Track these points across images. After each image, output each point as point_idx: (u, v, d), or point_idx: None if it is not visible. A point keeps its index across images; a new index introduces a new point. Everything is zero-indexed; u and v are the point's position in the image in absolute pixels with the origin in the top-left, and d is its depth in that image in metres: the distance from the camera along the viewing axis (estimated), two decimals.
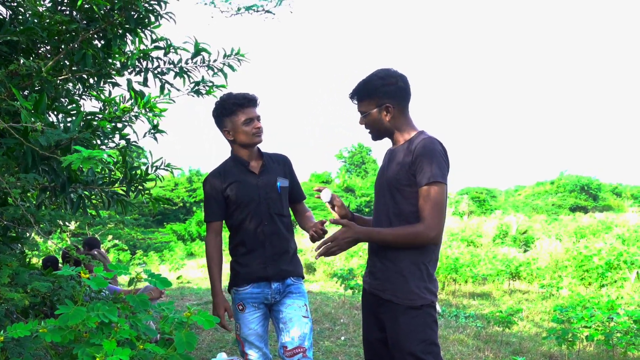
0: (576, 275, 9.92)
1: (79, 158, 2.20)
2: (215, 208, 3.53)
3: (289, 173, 3.67)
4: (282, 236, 3.53)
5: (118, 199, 3.83)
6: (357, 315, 8.61)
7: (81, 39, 3.83)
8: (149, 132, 4.11)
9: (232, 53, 4.29)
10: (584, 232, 23.35)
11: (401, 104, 3.00)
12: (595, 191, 54.90)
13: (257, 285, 3.47)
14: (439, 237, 2.86)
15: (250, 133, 3.46)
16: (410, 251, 2.90)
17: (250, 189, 3.49)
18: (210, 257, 3.53)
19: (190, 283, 13.69)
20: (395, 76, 2.99)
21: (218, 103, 3.53)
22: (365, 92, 3.03)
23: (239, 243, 3.53)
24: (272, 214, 3.50)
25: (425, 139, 2.89)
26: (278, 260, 3.49)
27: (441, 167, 2.83)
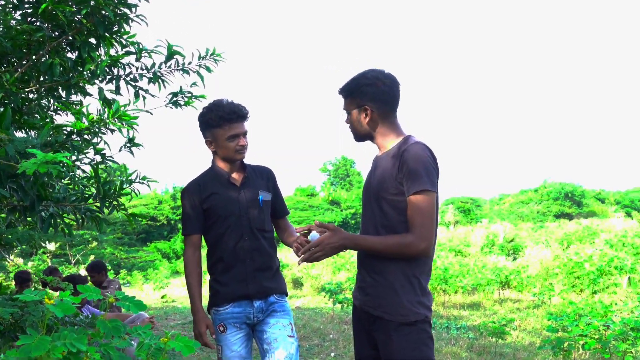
0: (567, 283, 9.77)
1: (35, 163, 1.98)
2: (194, 220, 3.32)
3: (272, 187, 3.49)
4: (263, 252, 3.33)
5: (92, 215, 3.60)
6: (346, 330, 8.40)
7: (48, 47, 3.63)
8: (124, 146, 3.90)
9: (207, 54, 4.11)
10: (571, 239, 23.39)
11: (383, 109, 2.81)
12: (579, 198, 55.22)
13: (238, 304, 3.27)
14: (429, 248, 2.68)
15: (233, 149, 3.26)
16: (401, 263, 2.71)
17: (231, 202, 3.29)
18: (189, 273, 3.32)
19: (175, 302, 13.41)
20: (382, 78, 2.81)
21: (204, 111, 3.30)
22: (349, 90, 2.86)
23: (218, 259, 3.33)
24: (253, 229, 3.30)
25: (412, 145, 2.70)
26: (260, 277, 3.29)
27: (430, 175, 2.65)
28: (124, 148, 3.91)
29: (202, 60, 4.14)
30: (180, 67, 4.12)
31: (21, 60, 3.72)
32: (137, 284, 18.12)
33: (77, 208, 3.57)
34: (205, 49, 4.15)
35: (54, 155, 1.91)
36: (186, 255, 3.35)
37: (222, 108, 3.22)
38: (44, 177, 3.16)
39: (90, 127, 3.26)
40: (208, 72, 4.17)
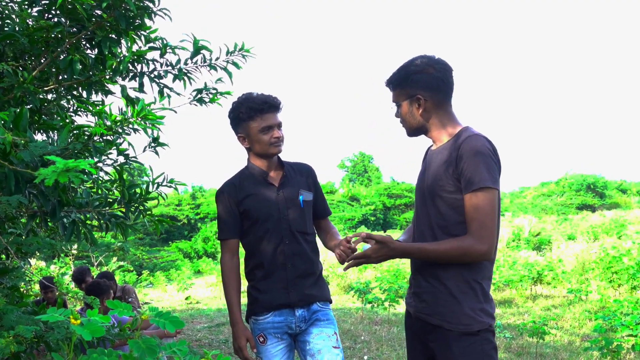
0: (604, 278, 9.43)
1: (55, 171, 1.74)
2: (231, 224, 3.09)
3: (312, 185, 3.23)
4: (305, 257, 3.10)
5: (117, 221, 3.37)
6: (377, 331, 8.15)
7: (67, 44, 3.41)
8: (148, 146, 3.68)
9: (235, 49, 3.88)
10: (597, 231, 22.96)
11: (437, 97, 2.55)
12: (601, 189, 54.45)
13: (279, 313, 3.04)
14: (491, 251, 2.42)
15: (268, 143, 3.02)
16: (461, 267, 2.46)
17: (269, 203, 3.06)
18: (227, 281, 3.10)
19: (200, 303, 13.22)
20: (432, 64, 2.55)
21: (234, 105, 3.08)
22: (398, 80, 2.60)
23: (257, 265, 3.09)
24: (293, 232, 3.06)
25: (471, 137, 2.44)
26: (302, 284, 3.06)
27: (491, 170, 2.39)
28: (148, 148, 3.69)
29: (229, 56, 3.91)
30: (207, 62, 3.89)
31: (39, 58, 3.51)
32: (160, 285, 17.99)
33: (100, 214, 3.35)
34: (233, 44, 3.92)
35: (75, 162, 1.67)
36: (223, 261, 3.13)
37: (253, 99, 3.01)
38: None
39: (113, 128, 3.02)
40: (237, 68, 3.93)
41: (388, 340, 7.54)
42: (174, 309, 11.89)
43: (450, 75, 2.58)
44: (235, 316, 3.05)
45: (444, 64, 2.57)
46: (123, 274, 17.73)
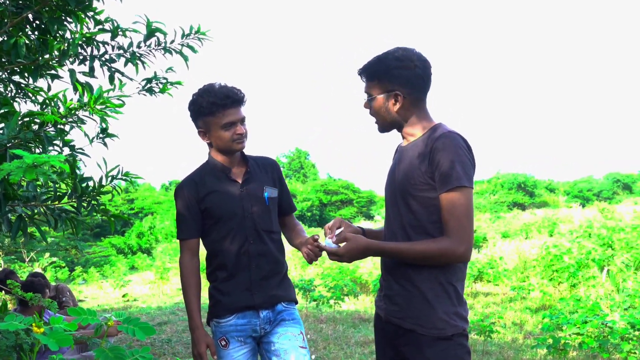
0: (545, 276, 9.59)
1: (21, 167, 1.53)
2: (191, 223, 2.94)
3: (277, 180, 3.09)
4: (271, 257, 2.97)
5: (67, 217, 3.14)
6: (323, 329, 8.05)
7: (10, 25, 3.16)
8: (97, 137, 3.47)
9: (191, 32, 3.69)
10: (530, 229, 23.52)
11: (415, 94, 2.46)
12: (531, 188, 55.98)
13: (243, 315, 2.90)
14: (468, 252, 2.34)
15: (230, 139, 2.87)
16: (435, 270, 2.38)
17: (232, 201, 2.91)
18: (187, 283, 2.94)
19: (138, 301, 12.85)
20: (414, 59, 2.44)
21: (194, 98, 2.90)
22: (375, 72, 2.48)
23: (219, 266, 2.95)
24: (259, 231, 2.93)
25: (444, 134, 2.35)
26: (266, 285, 2.93)
27: (466, 168, 2.32)
28: (96, 139, 3.47)
29: (185, 39, 3.72)
30: (162, 46, 3.69)
31: None
32: (95, 282, 17.45)
33: (49, 208, 3.11)
34: (189, 26, 3.73)
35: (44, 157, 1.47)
36: (183, 262, 2.97)
37: (214, 93, 2.83)
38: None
39: (69, 116, 2.79)
40: (193, 52, 3.75)
41: (335, 339, 7.45)
42: (111, 307, 11.51)
43: (430, 71, 2.50)
44: (195, 321, 2.90)
45: (426, 60, 2.48)
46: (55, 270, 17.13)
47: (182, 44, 3.71)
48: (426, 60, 2.47)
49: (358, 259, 2.48)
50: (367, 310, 9.64)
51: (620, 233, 12.41)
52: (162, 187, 54.15)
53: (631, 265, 10.00)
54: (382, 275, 2.63)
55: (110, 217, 3.31)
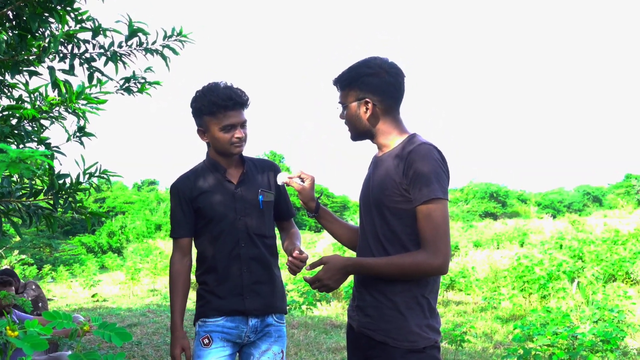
0: (516, 287, 9.68)
1: (4, 161, 1.49)
2: (183, 222, 2.88)
3: (275, 184, 3.00)
4: (263, 262, 2.89)
5: (43, 214, 3.08)
6: (295, 335, 8.02)
7: None
8: (73, 136, 3.41)
9: (173, 33, 3.65)
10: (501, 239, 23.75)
11: (386, 102, 2.44)
12: (503, 198, 56.61)
13: (232, 319, 2.83)
14: (445, 265, 2.31)
15: (228, 142, 2.79)
16: (409, 282, 2.35)
17: (225, 202, 2.85)
18: (174, 283, 2.88)
19: (107, 301, 12.72)
20: (386, 68, 2.43)
21: (197, 95, 2.83)
22: (346, 80, 2.46)
23: (210, 269, 2.88)
24: (251, 235, 2.86)
25: (419, 146, 2.34)
26: (258, 291, 2.85)
27: (441, 180, 2.30)
28: (72, 138, 3.42)
29: (166, 41, 3.68)
30: (143, 47, 3.65)
31: None
32: (64, 281, 17.24)
33: (24, 205, 3.05)
34: (171, 28, 3.69)
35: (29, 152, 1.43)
36: (173, 261, 2.91)
37: (217, 93, 2.75)
38: None
39: (49, 111, 2.74)
40: (174, 54, 3.71)
41: (306, 345, 7.42)
42: (80, 307, 11.36)
43: (403, 81, 2.48)
44: (176, 322, 2.83)
45: (398, 69, 2.47)
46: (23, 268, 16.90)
47: (163, 45, 3.67)
48: (399, 69, 2.47)
49: (342, 281, 2.44)
50: (339, 316, 9.64)
51: (591, 245, 12.58)
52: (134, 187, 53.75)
53: (601, 277, 10.13)
54: (355, 286, 2.60)
55: (87, 214, 3.25)
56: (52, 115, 2.87)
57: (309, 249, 21.80)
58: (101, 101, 2.95)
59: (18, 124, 2.70)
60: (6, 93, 3.88)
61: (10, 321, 1.66)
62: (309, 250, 19.80)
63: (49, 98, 2.85)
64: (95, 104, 2.91)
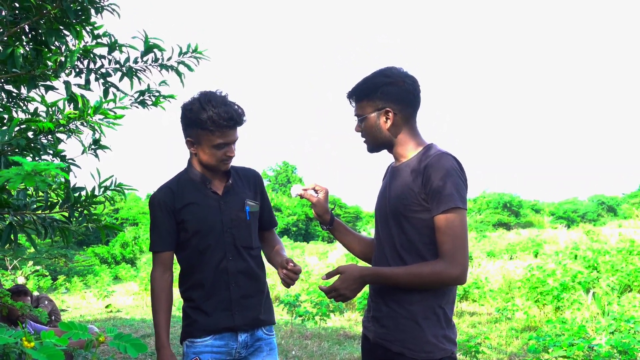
0: (530, 297, 9.61)
1: (19, 174, 1.52)
2: (165, 235, 2.78)
3: (259, 193, 2.97)
4: (251, 274, 2.83)
5: (58, 226, 3.11)
6: (309, 346, 8.00)
7: (7, 34, 3.15)
8: (88, 148, 3.45)
9: (188, 50, 3.68)
10: (515, 249, 23.60)
11: (406, 111, 2.46)
12: (516, 208, 56.32)
13: (221, 336, 2.77)
14: (464, 275, 2.33)
15: (219, 159, 2.73)
16: (426, 292, 2.37)
17: (211, 214, 2.77)
18: (157, 300, 2.78)
19: (121, 312, 12.75)
20: (404, 77, 2.45)
21: (194, 106, 2.70)
22: (364, 91, 2.47)
23: (196, 284, 2.80)
24: (238, 247, 2.79)
25: (437, 156, 2.35)
26: (247, 305, 2.80)
27: (460, 190, 2.31)
28: (88, 150, 3.45)
29: (182, 57, 3.71)
30: (159, 62, 3.68)
31: None
32: (78, 292, 17.31)
33: (39, 217, 3.08)
34: (186, 44, 3.72)
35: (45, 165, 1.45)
36: (154, 276, 2.82)
37: (218, 110, 2.63)
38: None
39: (66, 124, 2.78)
40: (189, 70, 3.74)
41: (320, 356, 7.40)
42: (95, 318, 11.41)
43: (419, 88, 2.50)
44: (162, 340, 2.74)
45: (413, 77, 2.49)
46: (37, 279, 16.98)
47: (178, 61, 3.69)
48: (414, 77, 2.49)
49: (359, 291, 2.43)
50: (352, 327, 9.60)
51: (606, 256, 12.47)
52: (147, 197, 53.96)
53: (616, 288, 10.05)
54: (371, 296, 2.60)
55: (102, 227, 3.28)
56: (69, 128, 2.89)
57: (321, 259, 21.76)
58: (118, 116, 2.98)
59: (35, 138, 2.73)
60: (22, 107, 3.92)
61: (26, 332, 1.68)
62: (322, 261, 19.75)
63: (67, 112, 2.87)
64: (111, 119, 2.92)
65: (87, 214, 3.15)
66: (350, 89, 2.52)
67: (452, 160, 2.37)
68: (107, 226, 3.29)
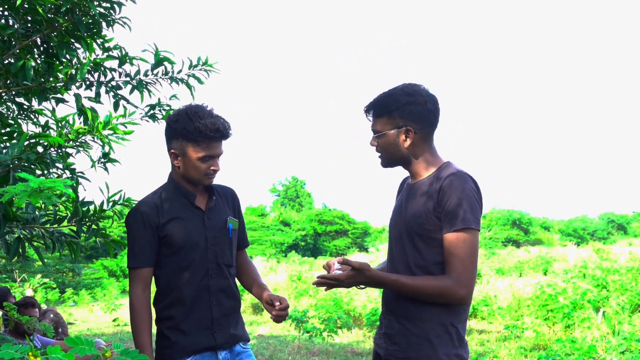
0: (540, 315, 9.53)
1: (26, 190, 1.51)
2: (147, 250, 2.68)
3: (238, 212, 2.95)
4: (230, 292, 2.81)
5: (66, 240, 3.10)
6: None
7: (19, 47, 3.16)
8: (98, 162, 3.45)
9: (199, 63, 3.68)
10: (524, 267, 23.48)
11: (426, 130, 2.45)
12: (526, 225, 56.11)
13: (201, 356, 2.71)
14: (469, 295, 2.33)
15: (203, 173, 2.69)
16: (438, 310, 2.35)
17: (196, 230, 2.72)
18: (139, 319, 2.67)
19: (128, 326, 12.70)
20: (425, 95, 2.44)
21: (180, 118, 2.68)
22: (385, 107, 2.45)
23: (175, 301, 2.72)
24: (220, 264, 2.76)
25: (454, 174, 2.35)
26: (227, 324, 2.77)
27: (474, 210, 2.31)
28: (97, 164, 3.45)
29: (192, 70, 3.72)
30: (169, 75, 3.69)
31: None
32: (85, 305, 17.28)
33: (48, 231, 3.08)
34: (197, 57, 3.73)
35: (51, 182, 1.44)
36: (134, 295, 2.70)
37: (205, 121, 2.61)
38: None
39: (75, 139, 2.78)
40: (199, 83, 3.74)
41: None
42: (102, 332, 11.39)
43: (439, 107, 2.49)
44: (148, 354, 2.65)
45: (434, 96, 2.49)
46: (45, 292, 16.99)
47: (188, 74, 3.70)
48: (435, 96, 2.48)
49: (357, 283, 2.39)
50: (360, 343, 9.54)
51: (615, 274, 12.37)
52: None
53: (626, 307, 9.95)
54: (383, 313, 2.59)
55: (109, 241, 3.27)
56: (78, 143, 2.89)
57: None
58: (128, 132, 2.98)
59: (44, 152, 2.73)
60: (32, 119, 3.94)
61: (33, 347, 1.67)
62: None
63: (76, 127, 2.87)
64: (121, 134, 2.93)
65: (95, 228, 3.14)
66: (369, 103, 2.51)
67: (469, 180, 2.36)
68: (115, 241, 3.28)
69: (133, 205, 3.18)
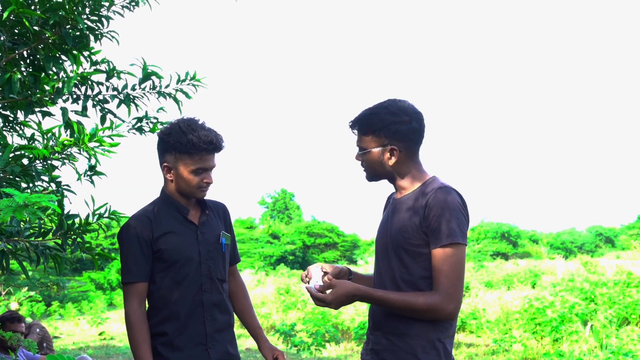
0: (528, 329, 9.54)
1: (10, 206, 1.50)
2: (141, 264, 2.67)
3: (229, 226, 2.94)
4: (223, 307, 2.80)
5: (50, 254, 3.08)
6: None
7: (6, 60, 3.15)
8: (84, 174, 3.43)
9: (186, 77, 3.68)
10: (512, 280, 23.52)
11: (411, 148, 2.46)
12: (514, 238, 56.17)
13: None
14: (456, 311, 2.33)
15: (196, 186, 2.69)
16: (425, 326, 2.35)
17: (190, 244, 2.72)
18: (137, 333, 2.63)
19: (115, 339, 12.63)
20: (410, 113, 2.44)
21: (173, 130, 2.69)
22: (369, 126, 2.45)
23: (169, 316, 2.70)
24: (214, 279, 2.75)
25: (440, 189, 2.35)
26: (221, 339, 2.76)
27: (461, 225, 2.31)
28: (83, 177, 3.43)
29: (180, 84, 3.71)
30: (157, 90, 3.68)
31: None
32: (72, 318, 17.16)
33: (32, 244, 3.05)
34: (185, 72, 3.72)
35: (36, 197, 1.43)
36: (130, 310, 2.67)
37: (198, 134, 2.62)
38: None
39: (61, 152, 2.76)
40: (187, 98, 3.73)
41: None
42: (87, 345, 11.29)
43: (424, 124, 2.50)
44: None
45: (419, 112, 2.48)
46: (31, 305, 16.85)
47: (176, 89, 3.69)
48: (420, 112, 2.48)
49: (345, 305, 2.42)
50: (347, 357, 9.51)
51: (603, 288, 12.41)
52: None
53: (614, 321, 9.98)
54: (370, 329, 2.58)
55: (94, 255, 3.25)
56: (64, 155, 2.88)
57: None
58: (114, 144, 2.96)
59: (30, 164, 2.72)
60: (18, 131, 3.92)
61: None
62: None
63: (62, 139, 2.86)
64: (107, 147, 2.92)
65: (80, 241, 3.12)
66: (354, 119, 2.51)
67: (455, 194, 2.37)
68: (100, 254, 3.26)
69: (119, 219, 3.18)
